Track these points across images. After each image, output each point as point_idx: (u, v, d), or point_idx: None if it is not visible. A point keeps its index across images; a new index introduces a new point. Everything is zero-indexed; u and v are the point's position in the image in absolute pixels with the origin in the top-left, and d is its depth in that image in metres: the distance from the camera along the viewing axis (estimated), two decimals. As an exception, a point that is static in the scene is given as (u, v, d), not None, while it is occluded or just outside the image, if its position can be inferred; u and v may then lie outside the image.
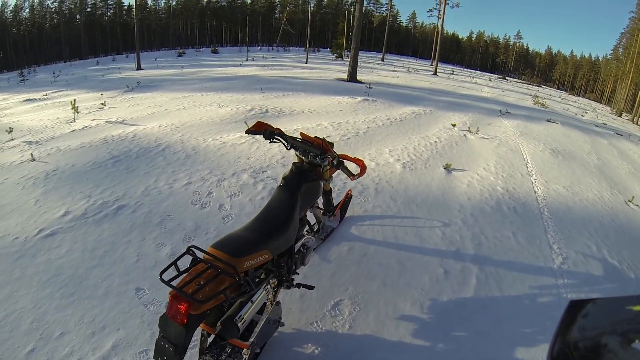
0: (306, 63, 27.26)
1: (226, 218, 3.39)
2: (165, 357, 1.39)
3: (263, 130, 2.36)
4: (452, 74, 35.21)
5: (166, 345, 1.38)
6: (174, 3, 65.04)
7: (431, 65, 39.81)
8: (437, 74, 30.53)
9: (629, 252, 3.93)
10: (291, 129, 6.41)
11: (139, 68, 23.54)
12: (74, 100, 7.83)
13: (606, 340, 0.59)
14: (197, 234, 3.12)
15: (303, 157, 2.37)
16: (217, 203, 3.64)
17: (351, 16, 30.77)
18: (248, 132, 2.38)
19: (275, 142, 2.38)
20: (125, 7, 61.68)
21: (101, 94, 11.04)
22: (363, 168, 2.20)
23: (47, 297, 2.40)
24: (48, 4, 54.97)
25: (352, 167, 2.52)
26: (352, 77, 15.78)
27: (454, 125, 8.18)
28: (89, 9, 57.64)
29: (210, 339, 1.77)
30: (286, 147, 2.37)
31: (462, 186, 4.72)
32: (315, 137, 2.42)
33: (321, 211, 2.92)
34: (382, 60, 41.07)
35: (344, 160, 2.26)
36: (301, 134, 2.46)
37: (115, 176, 4.17)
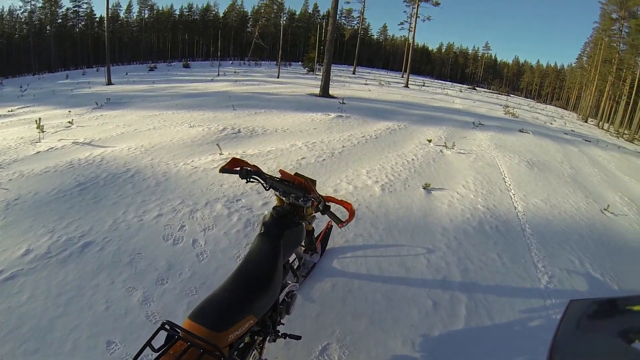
0: (278, 77, 27.28)
1: (201, 255, 3.17)
2: None
3: (239, 168, 2.17)
4: (424, 85, 36.00)
5: None
6: (146, 16, 64.11)
7: (402, 77, 40.61)
8: (409, 86, 31.15)
9: (609, 263, 3.99)
10: (265, 150, 6.27)
11: (109, 83, 22.93)
12: (40, 118, 7.46)
13: (606, 340, 0.59)
14: (170, 275, 2.89)
15: (284, 199, 2.20)
16: (190, 238, 3.41)
17: (323, 30, 31.13)
18: (223, 170, 2.19)
19: (252, 182, 2.21)
20: (97, 19, 60.17)
21: (69, 111, 10.61)
22: (352, 213, 1.99)
23: (8, 355, 2.12)
24: (18, 14, 53.05)
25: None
26: (324, 92, 15.70)
27: (429, 141, 8.22)
28: (59, 20, 55.89)
29: None
30: (265, 188, 2.17)
31: (443, 207, 4.67)
32: (296, 174, 2.25)
33: (302, 249, 2.76)
34: (354, 73, 41.55)
35: (330, 204, 2.06)
36: (280, 171, 2.29)
37: (82, 207, 3.89)
